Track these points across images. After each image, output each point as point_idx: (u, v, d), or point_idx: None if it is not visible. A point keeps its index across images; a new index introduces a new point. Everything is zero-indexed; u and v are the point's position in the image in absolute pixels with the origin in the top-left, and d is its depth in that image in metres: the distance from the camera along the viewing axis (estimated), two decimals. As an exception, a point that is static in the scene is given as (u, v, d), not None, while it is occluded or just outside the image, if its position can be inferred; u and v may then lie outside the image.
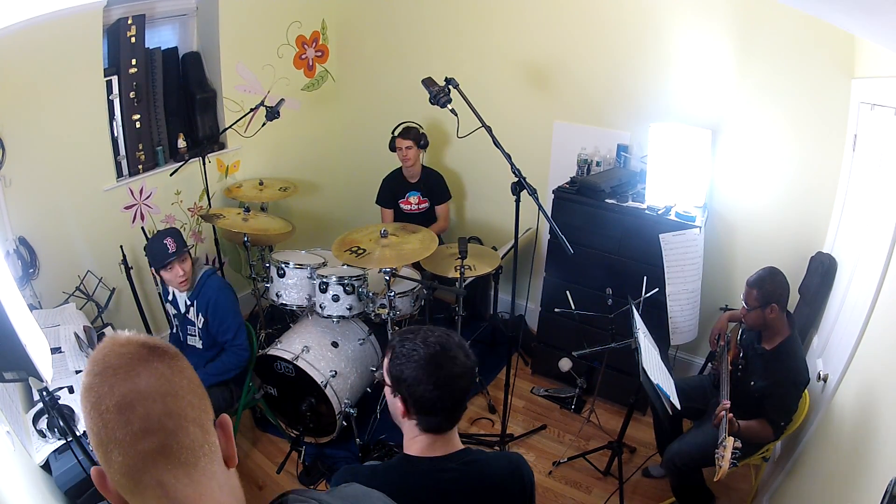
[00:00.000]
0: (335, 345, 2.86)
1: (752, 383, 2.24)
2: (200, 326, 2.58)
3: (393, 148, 3.43)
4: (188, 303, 2.56)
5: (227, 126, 3.36)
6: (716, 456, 1.92)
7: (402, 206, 3.57)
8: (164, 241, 2.38)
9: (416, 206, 3.57)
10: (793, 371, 2.15)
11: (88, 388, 0.68)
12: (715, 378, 2.50)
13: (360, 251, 2.63)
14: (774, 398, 2.15)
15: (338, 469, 2.77)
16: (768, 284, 2.17)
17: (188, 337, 2.65)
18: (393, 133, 3.44)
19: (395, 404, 1.23)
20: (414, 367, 1.15)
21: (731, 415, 2.05)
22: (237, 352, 2.56)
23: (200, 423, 0.70)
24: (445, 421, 1.21)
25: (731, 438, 1.93)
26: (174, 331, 2.73)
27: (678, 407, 2.18)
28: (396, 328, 2.91)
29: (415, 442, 1.24)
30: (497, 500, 1.24)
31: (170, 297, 2.64)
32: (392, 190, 3.56)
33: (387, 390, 1.25)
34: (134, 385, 0.67)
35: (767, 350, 2.23)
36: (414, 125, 3.44)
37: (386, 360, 1.24)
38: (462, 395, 1.19)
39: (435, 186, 3.56)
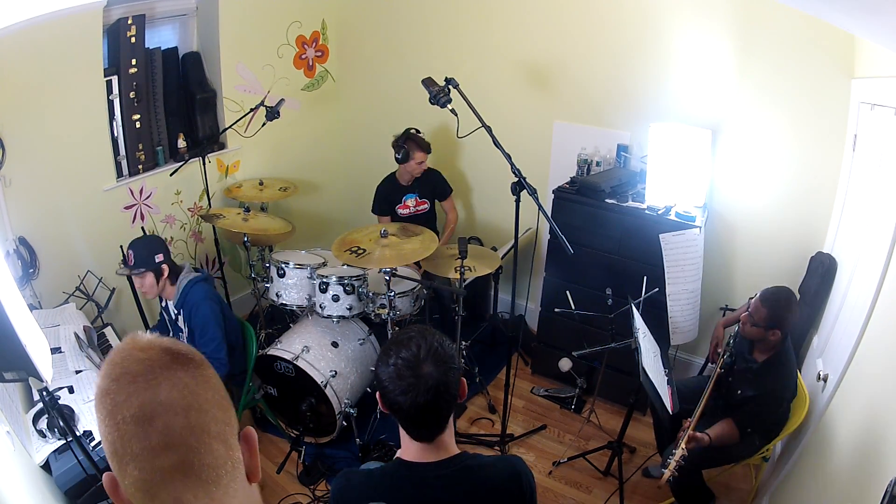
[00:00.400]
0: (335, 345, 2.86)
1: (739, 392, 2.24)
2: (187, 335, 2.51)
3: (405, 160, 3.22)
4: (175, 311, 2.53)
5: (227, 126, 3.36)
6: (667, 461, 1.97)
7: (399, 211, 3.46)
8: (128, 251, 2.37)
9: (414, 209, 3.48)
10: (779, 386, 2.16)
11: (104, 394, 0.63)
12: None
13: (360, 251, 2.63)
14: (752, 405, 2.16)
15: (338, 469, 2.79)
16: (782, 310, 2.12)
17: None
18: (404, 144, 3.21)
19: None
20: (385, 370, 1.17)
21: (696, 434, 2.08)
22: (215, 366, 2.51)
23: (224, 439, 0.66)
24: (414, 429, 1.20)
25: (682, 448, 1.97)
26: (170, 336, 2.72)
27: (670, 412, 2.19)
28: (396, 328, 2.91)
29: (408, 446, 1.24)
30: None
31: (163, 304, 2.62)
32: (387, 197, 3.44)
33: None
34: (154, 395, 0.62)
35: (758, 362, 2.23)
36: (420, 133, 3.31)
37: None
38: (431, 407, 1.14)
39: (435, 184, 3.48)
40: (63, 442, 1.82)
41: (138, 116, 3.04)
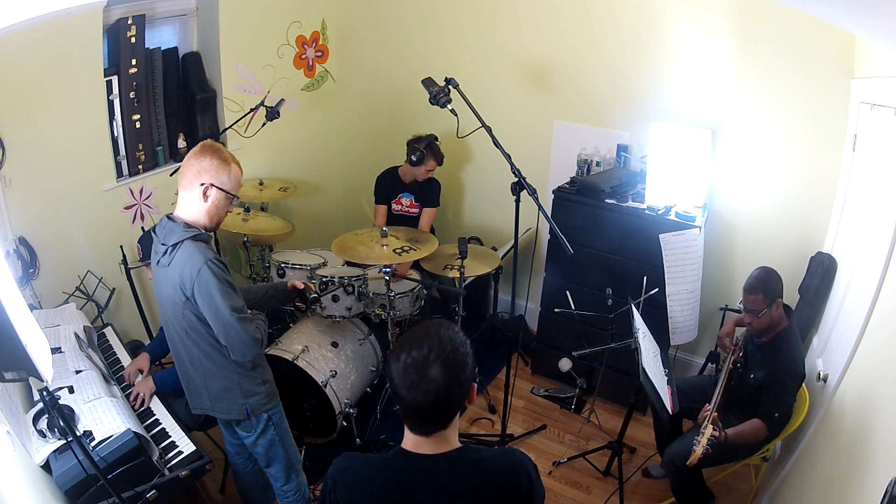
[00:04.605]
0: (335, 345, 2.86)
1: (752, 376, 2.26)
2: None
3: (418, 164, 3.24)
4: None
5: (227, 126, 3.36)
6: (693, 442, 1.97)
7: (392, 205, 3.50)
8: (138, 245, 2.39)
9: (406, 209, 3.49)
10: (790, 361, 2.16)
11: None
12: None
13: (408, 248, 2.63)
14: (770, 388, 2.16)
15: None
16: (771, 284, 2.19)
17: None
18: (423, 149, 3.21)
19: None
20: (395, 364, 1.18)
21: (714, 414, 2.07)
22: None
23: None
24: (413, 423, 1.21)
25: (710, 426, 1.98)
26: None
27: (670, 412, 2.19)
28: (396, 328, 2.92)
29: (408, 436, 1.25)
30: (491, 501, 1.23)
31: None
32: (385, 189, 3.48)
33: None
34: None
35: (765, 341, 2.26)
36: (437, 141, 3.30)
37: None
38: (430, 409, 1.15)
39: (430, 192, 3.44)
40: (63, 442, 1.82)
41: (138, 116, 3.04)
